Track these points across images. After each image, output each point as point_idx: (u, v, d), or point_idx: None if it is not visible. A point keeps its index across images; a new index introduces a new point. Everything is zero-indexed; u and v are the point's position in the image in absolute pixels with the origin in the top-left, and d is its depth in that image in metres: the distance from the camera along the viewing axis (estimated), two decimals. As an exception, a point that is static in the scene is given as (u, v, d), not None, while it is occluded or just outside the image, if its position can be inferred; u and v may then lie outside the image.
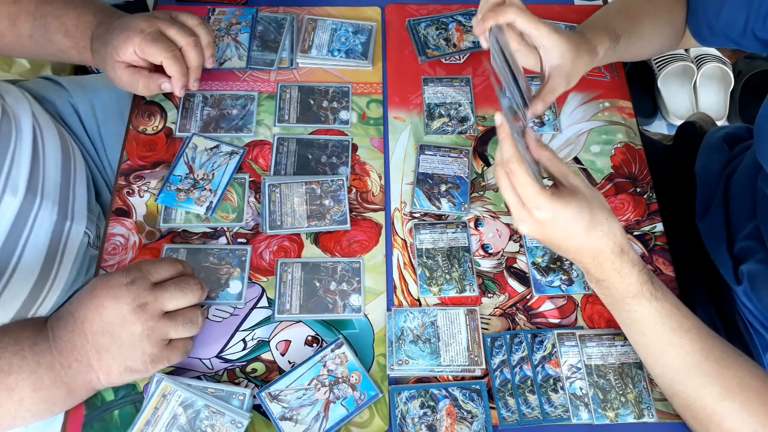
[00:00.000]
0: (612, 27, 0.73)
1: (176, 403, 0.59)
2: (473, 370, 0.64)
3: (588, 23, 0.75)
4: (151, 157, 0.76)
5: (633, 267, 0.60)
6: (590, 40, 0.70)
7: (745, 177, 0.78)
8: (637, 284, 0.60)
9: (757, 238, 0.73)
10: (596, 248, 0.59)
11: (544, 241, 0.62)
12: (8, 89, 0.79)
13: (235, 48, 0.84)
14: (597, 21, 0.75)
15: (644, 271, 0.61)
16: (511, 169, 0.58)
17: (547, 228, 0.59)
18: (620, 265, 0.60)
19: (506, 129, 0.58)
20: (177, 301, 0.59)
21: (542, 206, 0.57)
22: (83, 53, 0.76)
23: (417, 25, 0.87)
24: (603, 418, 0.62)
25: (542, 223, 0.58)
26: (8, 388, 0.55)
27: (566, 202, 0.57)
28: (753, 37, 0.72)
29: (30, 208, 0.71)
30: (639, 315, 0.60)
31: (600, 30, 0.72)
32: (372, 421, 0.62)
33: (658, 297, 0.60)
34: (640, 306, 0.60)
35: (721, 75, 1.61)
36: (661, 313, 0.60)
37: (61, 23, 0.74)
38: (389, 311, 0.67)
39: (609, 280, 0.61)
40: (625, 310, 0.61)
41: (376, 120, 0.80)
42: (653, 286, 0.60)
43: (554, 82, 0.69)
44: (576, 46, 0.68)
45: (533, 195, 0.57)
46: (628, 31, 0.74)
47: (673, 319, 0.60)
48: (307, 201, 0.73)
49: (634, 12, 0.76)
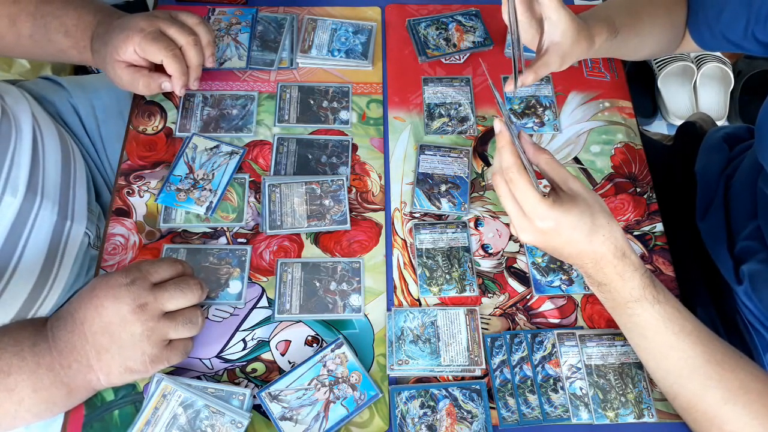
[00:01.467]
0: (612, 20, 0.73)
1: (176, 403, 0.59)
2: (473, 370, 0.64)
3: (590, 13, 0.75)
4: (151, 157, 0.76)
5: (635, 271, 0.60)
6: (590, 28, 0.70)
7: (745, 177, 0.78)
8: (639, 288, 0.60)
9: (758, 238, 0.73)
10: (598, 253, 0.59)
11: (545, 248, 0.61)
12: (8, 89, 0.79)
13: (235, 48, 0.84)
14: (599, 12, 0.75)
15: (646, 275, 0.60)
16: (510, 178, 0.57)
17: (549, 236, 0.59)
18: (622, 268, 0.59)
19: (506, 136, 0.58)
20: (177, 302, 0.59)
21: (544, 216, 0.57)
22: (83, 53, 0.76)
23: (417, 25, 0.87)
24: (603, 418, 0.62)
25: (544, 232, 0.58)
26: (8, 389, 0.55)
27: (567, 209, 0.57)
28: (753, 40, 0.72)
29: (30, 209, 0.71)
30: (641, 319, 0.60)
31: (601, 21, 0.72)
32: (372, 421, 0.62)
33: (660, 300, 0.60)
34: (643, 310, 0.60)
35: (721, 75, 1.61)
36: (663, 316, 0.59)
37: (61, 23, 0.74)
38: (389, 311, 0.67)
39: (611, 284, 0.60)
40: (627, 314, 0.61)
41: (376, 120, 0.80)
42: (655, 289, 0.60)
43: (549, 58, 0.68)
44: (578, 29, 0.67)
45: (534, 204, 0.57)
46: (627, 26, 0.74)
47: (675, 323, 0.59)
48: (307, 201, 0.73)
49: (634, 9, 0.76)
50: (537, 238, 0.60)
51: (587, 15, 0.75)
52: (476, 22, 0.88)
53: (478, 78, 0.84)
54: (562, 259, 0.63)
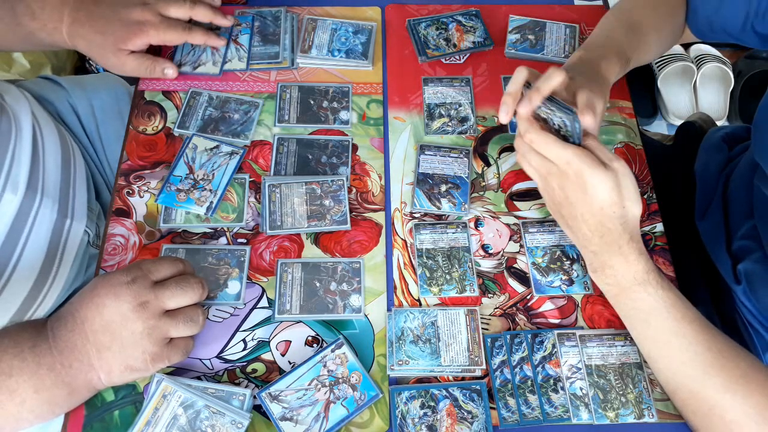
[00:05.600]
0: (623, 51, 0.72)
1: (176, 403, 0.59)
2: (473, 370, 0.64)
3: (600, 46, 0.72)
4: (151, 157, 0.76)
5: (640, 255, 0.61)
6: (603, 73, 0.69)
7: (742, 176, 0.78)
8: (644, 272, 0.61)
9: (754, 237, 0.73)
10: (605, 227, 0.60)
11: (561, 199, 0.62)
12: (7, 89, 0.79)
13: (236, 50, 0.84)
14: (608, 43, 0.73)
15: (651, 262, 0.62)
16: (531, 139, 0.60)
17: (570, 183, 0.60)
18: (627, 250, 0.60)
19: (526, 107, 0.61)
20: (178, 300, 0.59)
21: (571, 160, 0.58)
22: (53, 35, 0.77)
23: (417, 25, 0.87)
24: (603, 419, 0.62)
25: (569, 177, 0.59)
26: (10, 391, 0.55)
27: (595, 165, 0.58)
28: (752, 32, 0.72)
29: (30, 206, 0.71)
30: (645, 304, 0.61)
31: (611, 55, 0.70)
32: (372, 421, 0.62)
33: (663, 286, 0.61)
34: (647, 294, 0.61)
35: (721, 75, 1.61)
36: (666, 302, 0.60)
37: (26, 5, 0.75)
38: (389, 311, 0.67)
39: (615, 266, 0.61)
40: (631, 299, 0.62)
41: (376, 120, 0.80)
42: (659, 275, 0.61)
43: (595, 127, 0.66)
44: (602, 94, 0.66)
45: (559, 149, 0.59)
46: (637, 50, 0.74)
47: (678, 309, 0.60)
48: (307, 201, 0.73)
49: (639, 26, 0.75)
50: (562, 184, 0.61)
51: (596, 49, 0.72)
52: (476, 22, 0.88)
53: (478, 78, 0.84)
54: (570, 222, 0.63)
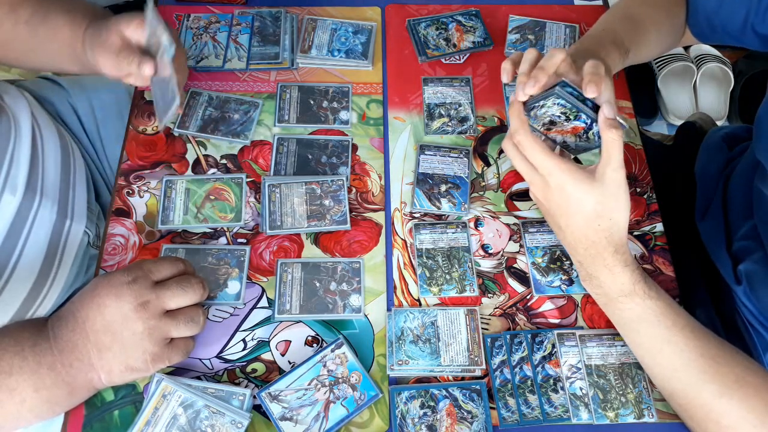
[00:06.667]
0: (621, 41, 0.72)
1: (176, 403, 0.59)
2: (473, 370, 0.64)
3: (598, 37, 0.73)
4: (151, 157, 0.76)
5: (626, 267, 0.61)
6: (604, 60, 0.68)
7: (742, 176, 0.78)
8: (630, 283, 0.61)
9: (754, 238, 0.73)
10: (588, 240, 0.60)
11: (547, 207, 0.62)
12: (7, 89, 0.79)
13: (236, 49, 0.84)
14: (606, 36, 0.73)
15: (638, 272, 0.61)
16: (518, 141, 0.60)
17: (552, 194, 0.60)
18: (612, 262, 0.60)
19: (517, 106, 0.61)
20: (178, 300, 0.59)
21: (553, 172, 0.59)
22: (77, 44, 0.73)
23: (417, 25, 0.87)
24: (603, 418, 0.62)
25: (551, 187, 0.60)
26: (10, 389, 0.55)
27: (579, 179, 0.58)
28: (753, 33, 0.72)
29: (29, 207, 0.71)
30: (634, 313, 0.61)
31: (609, 45, 0.71)
32: (372, 421, 0.62)
33: (651, 296, 0.61)
34: (634, 304, 0.61)
35: (721, 75, 1.61)
36: (655, 311, 0.60)
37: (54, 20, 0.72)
38: (389, 311, 0.67)
39: (600, 277, 0.62)
40: (619, 309, 0.62)
41: (376, 120, 0.80)
42: (646, 285, 0.61)
43: None
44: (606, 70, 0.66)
45: (543, 159, 0.59)
46: (635, 43, 0.73)
47: (668, 317, 0.60)
48: (307, 201, 0.73)
49: (638, 21, 0.75)
50: (540, 190, 0.61)
51: (594, 39, 0.72)
52: (476, 22, 0.88)
53: (478, 78, 0.84)
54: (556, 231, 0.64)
